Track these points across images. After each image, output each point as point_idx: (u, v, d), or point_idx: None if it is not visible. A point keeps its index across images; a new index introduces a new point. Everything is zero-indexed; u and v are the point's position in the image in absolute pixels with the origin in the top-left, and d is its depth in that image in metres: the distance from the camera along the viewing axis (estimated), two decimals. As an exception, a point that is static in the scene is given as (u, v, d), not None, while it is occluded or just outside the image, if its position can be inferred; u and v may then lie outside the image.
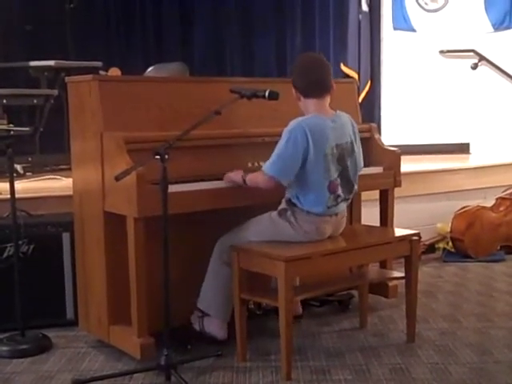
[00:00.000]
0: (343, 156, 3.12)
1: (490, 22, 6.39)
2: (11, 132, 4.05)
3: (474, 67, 6.36)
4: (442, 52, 6.40)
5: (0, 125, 4.41)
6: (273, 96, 3.11)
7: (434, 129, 6.36)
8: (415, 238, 3.35)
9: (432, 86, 6.36)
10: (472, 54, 6.35)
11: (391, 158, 3.83)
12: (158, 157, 2.73)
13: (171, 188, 2.81)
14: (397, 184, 3.84)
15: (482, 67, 6.39)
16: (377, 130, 4.00)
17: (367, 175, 3.57)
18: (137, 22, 6.29)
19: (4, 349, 3.24)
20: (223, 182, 3.15)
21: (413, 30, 6.39)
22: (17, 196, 3.31)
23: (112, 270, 3.10)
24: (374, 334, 3.50)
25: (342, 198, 3.15)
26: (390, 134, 6.14)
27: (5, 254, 3.45)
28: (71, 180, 3.39)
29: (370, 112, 6.20)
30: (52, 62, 5.11)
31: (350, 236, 3.32)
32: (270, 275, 3.08)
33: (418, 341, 3.36)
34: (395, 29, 6.40)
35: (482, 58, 6.35)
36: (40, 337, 3.36)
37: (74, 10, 5.63)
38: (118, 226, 2.97)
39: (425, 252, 4.98)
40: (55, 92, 5.04)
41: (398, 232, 3.45)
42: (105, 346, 3.26)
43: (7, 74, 5.19)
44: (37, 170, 4.83)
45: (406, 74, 6.39)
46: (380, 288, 3.84)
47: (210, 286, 3.24)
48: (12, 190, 3.26)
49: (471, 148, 6.34)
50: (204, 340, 3.27)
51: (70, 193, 3.40)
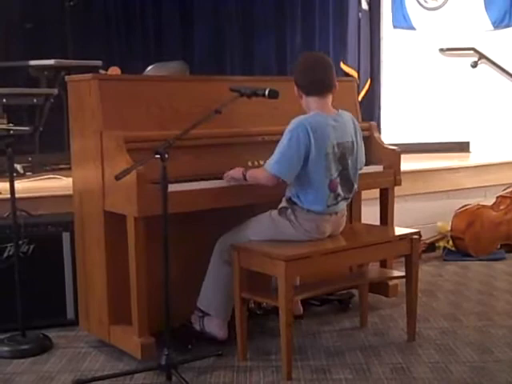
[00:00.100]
0: (344, 155, 3.12)
1: (489, 20, 6.38)
2: (11, 131, 4.06)
3: (473, 65, 6.36)
4: (441, 50, 6.39)
5: (0, 124, 4.41)
6: (273, 95, 3.11)
7: (434, 127, 6.36)
8: (415, 236, 3.34)
9: (432, 84, 6.36)
10: (472, 52, 6.35)
11: (391, 156, 3.83)
12: (158, 156, 2.72)
13: (171, 187, 2.81)
14: (397, 183, 3.84)
15: (482, 65, 6.39)
16: (376, 128, 4.00)
17: (367, 174, 3.57)
18: (137, 21, 6.29)
19: (5, 349, 3.24)
20: (223, 181, 3.15)
21: (412, 28, 6.38)
22: (17, 196, 3.30)
23: (112, 269, 3.10)
24: (374, 333, 3.49)
25: (342, 197, 3.15)
26: (389, 132, 6.13)
27: (5, 253, 3.44)
28: (71, 179, 3.38)
29: (369, 110, 6.20)
30: (52, 61, 5.10)
31: (350, 235, 3.32)
32: (271, 275, 3.08)
33: (418, 340, 3.36)
34: (395, 27, 6.39)
35: (481, 57, 6.35)
36: (40, 337, 3.36)
37: (73, 8, 5.62)
38: (118, 225, 2.97)
39: (425, 251, 4.98)
40: (55, 91, 5.03)
41: (398, 231, 3.44)
42: (105, 346, 3.26)
43: (7, 73, 5.18)
44: (37, 169, 4.83)
45: (405, 73, 6.39)
46: (380, 287, 3.84)
47: (211, 285, 3.24)
48: (12, 189, 3.25)
49: (471, 146, 6.33)
50: (204, 340, 3.27)
51: (70, 192, 3.40)
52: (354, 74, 6.24)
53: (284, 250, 2.97)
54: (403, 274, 3.39)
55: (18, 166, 4.62)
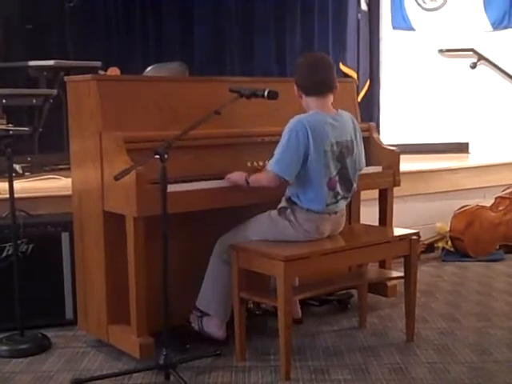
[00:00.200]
0: (343, 154, 3.12)
1: (489, 21, 6.39)
2: (10, 132, 4.05)
3: (473, 66, 6.37)
4: (441, 51, 6.40)
5: (-1, 124, 4.42)
6: (272, 95, 3.11)
7: (433, 128, 6.36)
8: (414, 237, 3.35)
9: (431, 85, 6.36)
10: (471, 53, 6.35)
11: (390, 157, 3.83)
12: (157, 156, 2.73)
13: (170, 187, 2.81)
14: (396, 183, 3.84)
15: (481, 66, 6.39)
16: (376, 129, 4.00)
17: (366, 174, 3.57)
18: (137, 22, 6.29)
19: (3, 348, 3.24)
20: (222, 181, 3.15)
21: (412, 29, 6.39)
22: (16, 196, 3.31)
23: (111, 269, 3.10)
24: (373, 333, 3.50)
25: (341, 196, 3.15)
26: (389, 133, 6.14)
27: (4, 253, 3.45)
28: (70, 180, 3.38)
29: (369, 111, 6.20)
30: (51, 62, 5.11)
31: (349, 235, 3.32)
32: (269, 275, 3.08)
33: (417, 340, 3.37)
34: (394, 28, 6.40)
35: (481, 58, 6.35)
36: (39, 336, 3.36)
37: (73, 9, 5.63)
38: (118, 225, 2.97)
39: (424, 251, 4.98)
40: (54, 92, 5.04)
41: (397, 231, 3.45)
42: (104, 346, 3.26)
43: (6, 73, 5.19)
44: (36, 169, 4.82)
45: (405, 74, 6.39)
46: (379, 287, 3.85)
47: (210, 285, 3.24)
48: (11, 189, 3.25)
49: (470, 147, 6.33)
50: (203, 339, 3.27)
51: (69, 192, 3.40)
52: (354, 74, 6.24)
53: (283, 250, 2.97)
54: (402, 274, 3.39)
55: (18, 167, 4.62)
